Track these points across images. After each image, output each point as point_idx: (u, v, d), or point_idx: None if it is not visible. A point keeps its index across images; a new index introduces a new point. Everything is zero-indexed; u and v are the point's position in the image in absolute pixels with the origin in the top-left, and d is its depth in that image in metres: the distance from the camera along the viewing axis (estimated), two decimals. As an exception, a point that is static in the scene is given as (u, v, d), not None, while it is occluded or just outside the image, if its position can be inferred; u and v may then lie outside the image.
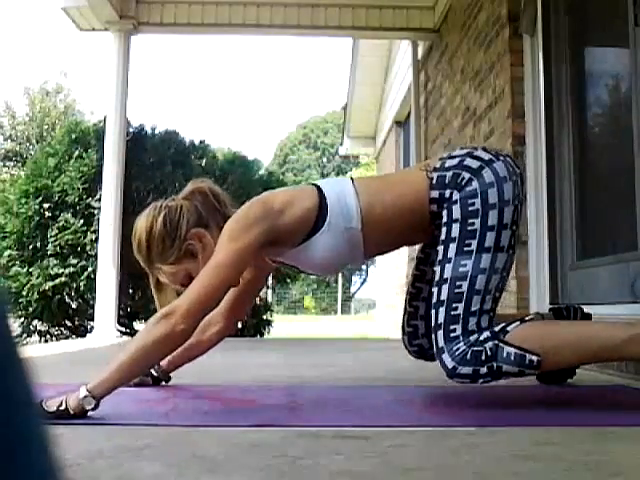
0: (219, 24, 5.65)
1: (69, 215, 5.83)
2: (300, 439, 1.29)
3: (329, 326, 15.75)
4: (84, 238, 5.75)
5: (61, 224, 5.80)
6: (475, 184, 1.69)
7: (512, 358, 1.57)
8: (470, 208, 1.67)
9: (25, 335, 6.10)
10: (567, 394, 1.99)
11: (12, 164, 23.06)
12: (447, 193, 1.71)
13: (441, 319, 1.64)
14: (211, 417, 1.58)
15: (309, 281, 32.03)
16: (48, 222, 5.87)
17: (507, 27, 3.63)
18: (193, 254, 1.79)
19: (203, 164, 6.46)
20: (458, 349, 1.60)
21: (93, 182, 5.82)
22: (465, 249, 1.65)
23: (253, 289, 2.10)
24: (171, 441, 1.28)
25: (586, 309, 2.14)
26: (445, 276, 1.66)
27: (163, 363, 2.11)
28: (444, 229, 1.70)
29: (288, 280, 7.18)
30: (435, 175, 1.74)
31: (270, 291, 8.80)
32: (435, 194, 1.73)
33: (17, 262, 5.89)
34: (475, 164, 1.72)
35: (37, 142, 21.57)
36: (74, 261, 5.73)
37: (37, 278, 5.72)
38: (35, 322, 6.09)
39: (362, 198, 1.75)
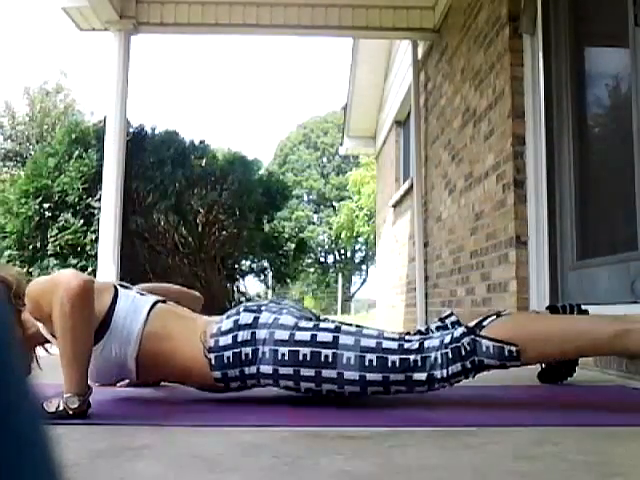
0: (219, 24, 5.65)
1: (69, 215, 5.83)
2: (300, 439, 1.29)
3: (329, 326, 15.73)
4: (84, 238, 5.75)
5: (61, 224, 5.80)
6: (263, 349, 1.69)
7: (491, 351, 1.58)
8: (286, 358, 1.67)
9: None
10: (567, 394, 1.99)
11: (12, 164, 23.05)
12: (236, 372, 1.72)
13: (401, 377, 1.65)
14: (211, 417, 1.58)
15: (309, 281, 32.05)
16: (48, 222, 5.88)
17: (507, 27, 3.63)
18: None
19: (203, 164, 6.46)
20: (436, 359, 1.62)
21: (93, 182, 5.83)
22: (330, 360, 1.65)
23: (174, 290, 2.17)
24: (171, 441, 1.28)
25: (587, 309, 2.13)
26: (357, 378, 1.65)
27: None
28: (305, 384, 1.70)
29: (288, 280, 7.18)
30: (212, 356, 1.72)
31: (270, 291, 8.79)
32: (218, 374, 1.73)
33: (17, 262, 5.89)
34: (247, 334, 1.71)
35: (37, 142, 21.56)
36: (74, 261, 5.73)
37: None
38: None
39: (147, 331, 1.75)
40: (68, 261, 5.73)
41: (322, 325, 1.71)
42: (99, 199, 5.59)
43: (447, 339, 1.62)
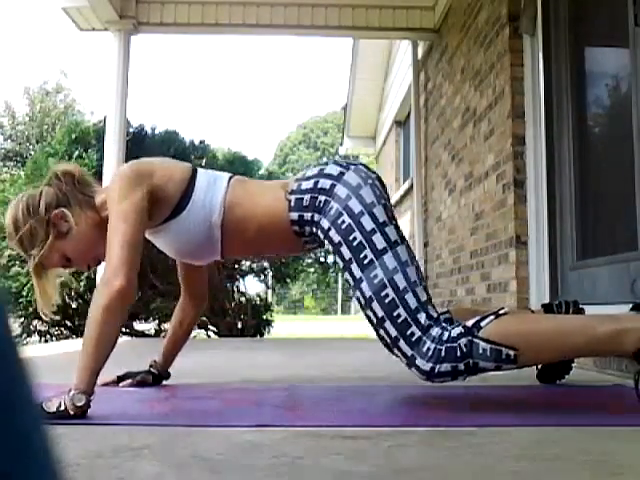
0: (219, 24, 5.65)
1: (69, 215, 5.83)
2: (300, 439, 1.29)
3: (329, 326, 15.75)
4: (84, 238, 5.75)
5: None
6: (334, 204, 1.71)
7: (488, 354, 1.55)
8: (343, 226, 1.69)
9: (25, 335, 6.09)
10: (567, 394, 1.99)
11: (12, 164, 23.05)
12: (307, 215, 1.75)
13: (394, 332, 1.62)
14: (211, 417, 1.58)
15: (309, 281, 32.03)
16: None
17: (507, 27, 3.63)
18: (62, 234, 1.81)
19: (203, 164, 6.46)
20: (429, 349, 1.58)
21: (93, 182, 5.82)
22: (365, 262, 1.65)
23: (193, 272, 2.15)
24: (171, 441, 1.28)
25: (586, 309, 2.13)
26: (367, 295, 1.65)
27: (159, 359, 2.14)
28: (337, 258, 1.72)
29: (288, 280, 7.18)
30: (292, 198, 1.77)
31: (270, 291, 8.80)
32: (294, 216, 1.77)
33: (17, 262, 5.89)
34: (327, 184, 1.74)
35: (37, 142, 21.56)
36: (74, 261, 5.73)
37: (37, 278, 5.71)
38: (35, 322, 6.09)
39: (230, 197, 1.80)
40: (68, 261, 5.74)
41: (388, 229, 1.68)
42: (99, 199, 5.57)
43: (445, 336, 1.58)
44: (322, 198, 1.73)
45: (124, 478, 1.02)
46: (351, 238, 1.67)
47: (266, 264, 8.35)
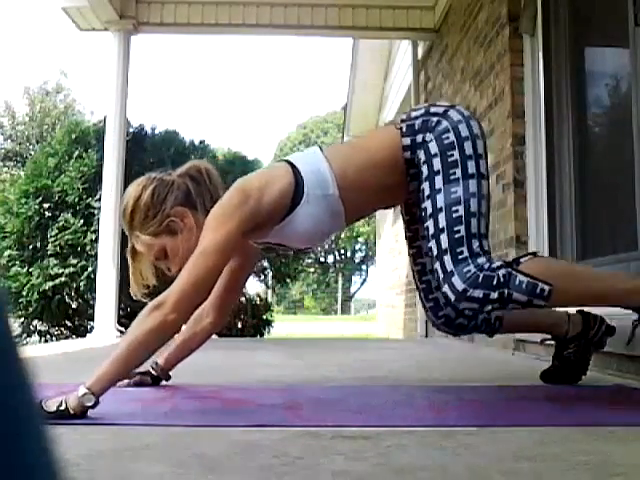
0: (219, 24, 5.65)
1: (69, 215, 5.83)
2: (300, 439, 1.29)
3: (329, 326, 15.75)
4: (84, 238, 5.75)
5: (61, 224, 5.80)
6: (445, 122, 1.76)
7: (524, 286, 1.62)
8: (446, 142, 1.73)
9: (25, 335, 6.10)
10: (567, 394, 1.99)
11: (12, 164, 23.05)
12: (419, 137, 1.77)
13: (445, 244, 1.68)
14: (211, 417, 1.58)
15: (309, 281, 32.03)
16: (48, 222, 5.88)
17: (507, 27, 3.63)
18: (172, 231, 1.80)
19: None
20: (469, 271, 1.64)
21: (93, 182, 5.83)
22: (451, 177, 1.71)
23: (241, 276, 2.12)
24: (171, 441, 1.28)
25: (586, 309, 2.13)
26: (439, 205, 1.70)
27: (161, 362, 2.12)
28: (425, 167, 1.74)
29: (288, 280, 7.18)
30: (404, 125, 1.79)
31: (270, 291, 8.80)
32: (407, 141, 1.78)
33: (17, 262, 5.89)
34: (440, 109, 1.80)
35: (37, 142, 21.57)
36: (74, 261, 5.74)
37: (37, 278, 5.72)
38: (35, 322, 6.10)
39: (334, 163, 1.78)
40: (68, 261, 5.73)
41: (482, 161, 1.74)
42: (99, 199, 5.58)
43: (486, 265, 1.65)
44: (434, 119, 1.77)
45: (124, 478, 1.02)
46: (449, 154, 1.72)
47: (266, 264, 8.34)
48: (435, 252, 1.70)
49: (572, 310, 2.11)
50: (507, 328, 2.10)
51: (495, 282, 1.62)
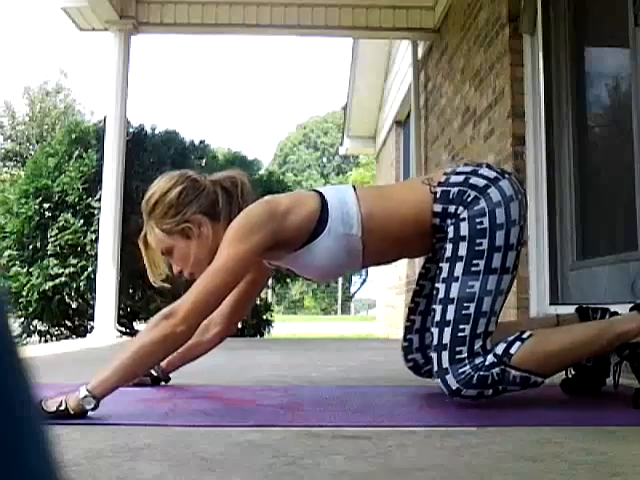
0: (219, 24, 5.65)
1: (69, 215, 5.83)
2: (300, 439, 1.29)
3: (329, 326, 15.75)
4: (84, 238, 5.75)
5: (61, 224, 5.80)
6: (483, 203, 1.70)
7: (517, 381, 1.66)
8: (479, 227, 1.68)
9: (25, 335, 6.09)
10: (567, 394, 1.99)
11: (12, 164, 23.05)
12: (452, 208, 1.72)
13: (446, 340, 1.66)
14: (211, 417, 1.58)
15: (309, 281, 32.06)
16: (48, 222, 5.87)
17: (507, 27, 3.63)
18: (186, 235, 1.80)
19: (203, 164, 6.46)
20: (464, 372, 1.64)
21: (93, 182, 5.82)
22: (473, 269, 1.67)
23: (254, 291, 2.10)
24: (171, 441, 1.28)
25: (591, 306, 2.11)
26: (452, 296, 1.67)
27: (162, 363, 2.11)
28: (449, 246, 1.70)
29: (288, 280, 7.18)
30: (439, 190, 1.74)
31: (270, 291, 8.80)
32: (438, 208, 1.73)
33: (17, 262, 5.89)
34: (481, 182, 1.73)
35: (37, 142, 21.56)
36: (74, 261, 5.73)
37: (37, 278, 5.72)
38: (35, 322, 6.09)
39: (363, 205, 1.75)
40: (68, 261, 5.73)
41: (510, 253, 1.69)
42: (99, 199, 5.58)
43: (481, 365, 1.64)
44: (472, 193, 1.71)
45: (124, 478, 1.02)
46: (477, 241, 1.67)
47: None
48: (435, 341, 1.69)
49: (571, 309, 2.10)
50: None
51: (490, 381, 1.64)
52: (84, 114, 23.79)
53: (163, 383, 2.14)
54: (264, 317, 7.02)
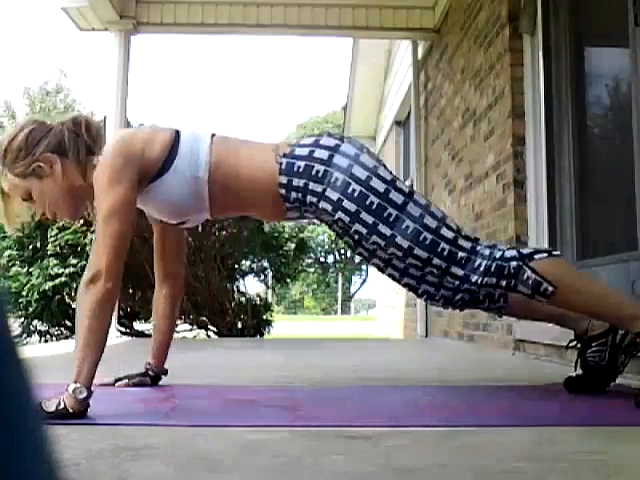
0: (219, 24, 5.65)
1: (69, 215, 5.83)
2: (300, 439, 1.29)
3: (329, 326, 15.75)
4: (84, 238, 5.75)
5: (61, 224, 5.80)
6: (338, 175, 1.73)
7: (530, 282, 1.68)
8: (355, 194, 1.72)
9: (25, 335, 6.09)
10: (567, 394, 1.99)
11: (12, 164, 23.04)
12: (299, 182, 1.75)
13: (443, 264, 1.72)
14: (211, 417, 1.58)
15: (309, 281, 32.03)
16: (48, 222, 5.87)
17: (507, 27, 3.63)
18: (39, 175, 1.80)
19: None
20: (480, 265, 1.71)
21: (93, 182, 5.82)
22: (392, 219, 1.71)
23: (171, 245, 2.12)
24: (171, 441, 1.28)
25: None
26: (406, 245, 1.72)
27: (151, 360, 2.12)
28: (358, 226, 1.73)
29: (288, 280, 7.18)
30: (284, 161, 1.77)
31: (270, 291, 8.80)
32: (284, 180, 1.77)
33: (17, 262, 5.89)
34: (325, 154, 1.76)
35: (37, 142, 21.54)
36: (74, 261, 5.73)
37: (37, 278, 5.72)
38: (35, 322, 6.09)
39: (215, 153, 1.79)
40: (68, 261, 5.73)
41: (398, 184, 1.75)
42: (99, 199, 5.57)
43: (497, 254, 1.71)
44: (321, 168, 1.74)
45: (124, 478, 1.02)
46: (368, 203, 1.71)
47: (266, 264, 8.34)
48: (438, 272, 1.74)
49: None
50: (516, 311, 2.01)
51: (506, 272, 1.69)
52: (84, 114, 23.77)
53: (163, 380, 2.14)
54: (264, 317, 7.02)
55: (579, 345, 1.95)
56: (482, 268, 1.70)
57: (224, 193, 1.81)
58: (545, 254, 1.73)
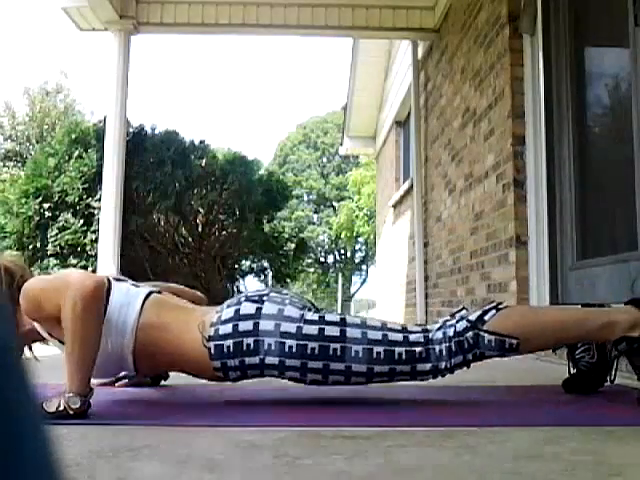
0: (219, 24, 5.65)
1: (69, 215, 5.83)
2: (300, 439, 1.29)
3: (329, 326, 15.72)
4: (84, 238, 5.75)
5: (61, 224, 5.80)
6: (268, 340, 1.66)
7: (493, 344, 1.69)
8: (294, 350, 1.66)
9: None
10: (567, 394, 1.99)
11: (12, 164, 23.04)
12: (234, 362, 1.69)
13: (407, 368, 1.69)
14: (211, 417, 1.58)
15: (309, 281, 32.05)
16: (48, 222, 5.88)
17: (507, 27, 3.63)
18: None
19: (203, 164, 6.46)
20: (441, 351, 1.69)
21: (93, 182, 5.83)
22: (339, 353, 1.66)
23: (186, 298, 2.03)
24: (171, 441, 1.28)
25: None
26: (365, 370, 1.68)
27: None
28: (311, 376, 1.70)
29: (288, 280, 7.18)
30: (212, 345, 1.69)
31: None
32: (217, 364, 1.70)
33: (17, 262, 5.89)
34: (249, 324, 1.68)
35: (37, 142, 21.55)
36: (74, 261, 5.73)
37: (37, 278, 5.72)
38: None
39: (142, 321, 1.72)
40: (68, 261, 5.73)
41: (328, 318, 1.71)
42: (99, 199, 5.59)
43: (450, 332, 1.70)
44: (250, 340, 1.67)
45: (124, 478, 1.02)
46: (309, 352, 1.66)
47: (266, 264, 8.35)
48: (408, 376, 1.72)
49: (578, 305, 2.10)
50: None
51: (466, 345, 1.69)
52: (84, 114, 23.77)
53: (163, 382, 2.14)
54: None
55: (566, 348, 2.04)
56: (444, 352, 1.69)
57: (150, 359, 1.75)
58: (493, 311, 1.71)
